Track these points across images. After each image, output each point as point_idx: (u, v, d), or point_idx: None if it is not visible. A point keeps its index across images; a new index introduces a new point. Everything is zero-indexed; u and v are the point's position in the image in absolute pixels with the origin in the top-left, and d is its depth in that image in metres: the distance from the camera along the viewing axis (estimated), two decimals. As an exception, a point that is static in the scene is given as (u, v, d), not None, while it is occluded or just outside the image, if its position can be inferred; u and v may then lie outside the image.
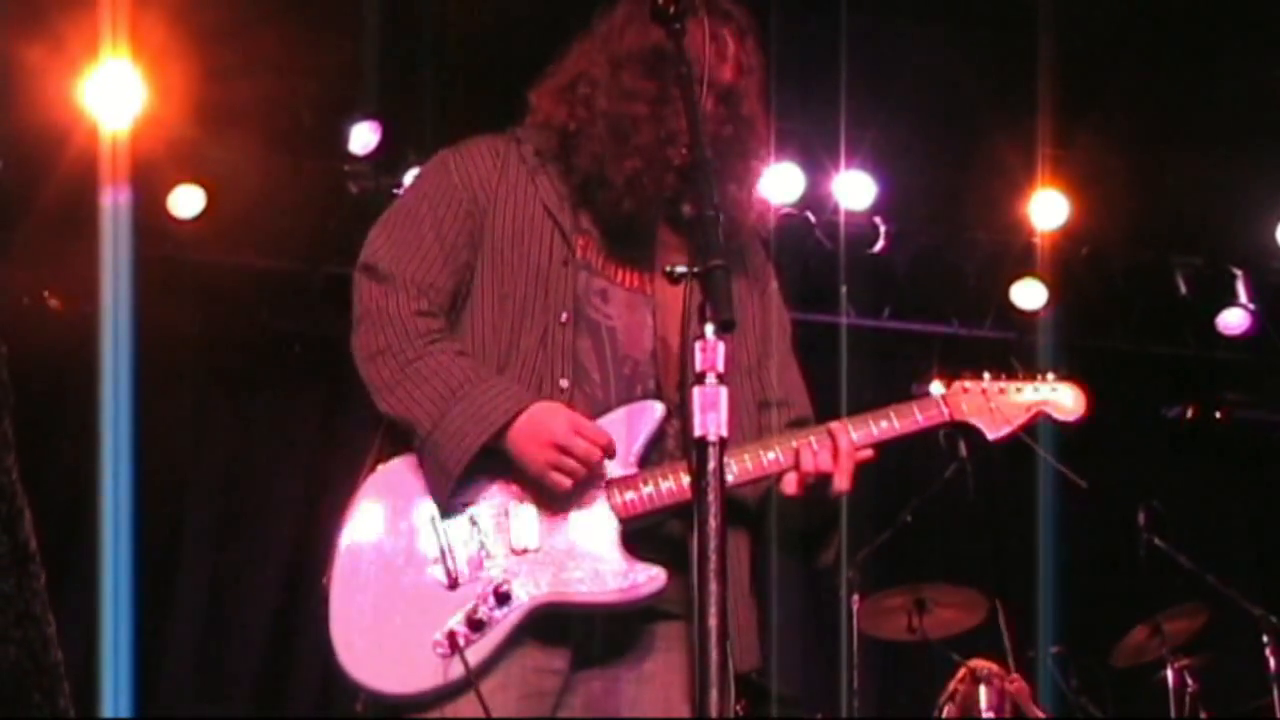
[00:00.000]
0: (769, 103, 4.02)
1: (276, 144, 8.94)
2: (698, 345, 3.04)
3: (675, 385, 3.78)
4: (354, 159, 9.03)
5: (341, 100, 8.89)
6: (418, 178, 4.04)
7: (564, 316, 3.76)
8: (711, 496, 2.96)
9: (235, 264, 9.51)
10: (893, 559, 9.18)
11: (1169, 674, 8.30)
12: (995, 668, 8.30)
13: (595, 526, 3.66)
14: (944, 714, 8.25)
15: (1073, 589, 10.55)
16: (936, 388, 4.16)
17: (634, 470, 3.71)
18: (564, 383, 3.73)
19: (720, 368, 3.03)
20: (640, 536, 3.68)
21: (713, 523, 2.95)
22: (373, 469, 3.76)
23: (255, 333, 9.77)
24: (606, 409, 3.75)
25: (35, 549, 2.77)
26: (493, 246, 3.84)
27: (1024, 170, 9.56)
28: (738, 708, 3.04)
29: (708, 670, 2.88)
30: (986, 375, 4.09)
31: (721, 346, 3.04)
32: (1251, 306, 10.16)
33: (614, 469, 3.70)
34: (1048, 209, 9.69)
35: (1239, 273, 10.16)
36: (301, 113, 8.86)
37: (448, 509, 3.65)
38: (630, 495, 3.68)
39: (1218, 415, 10.70)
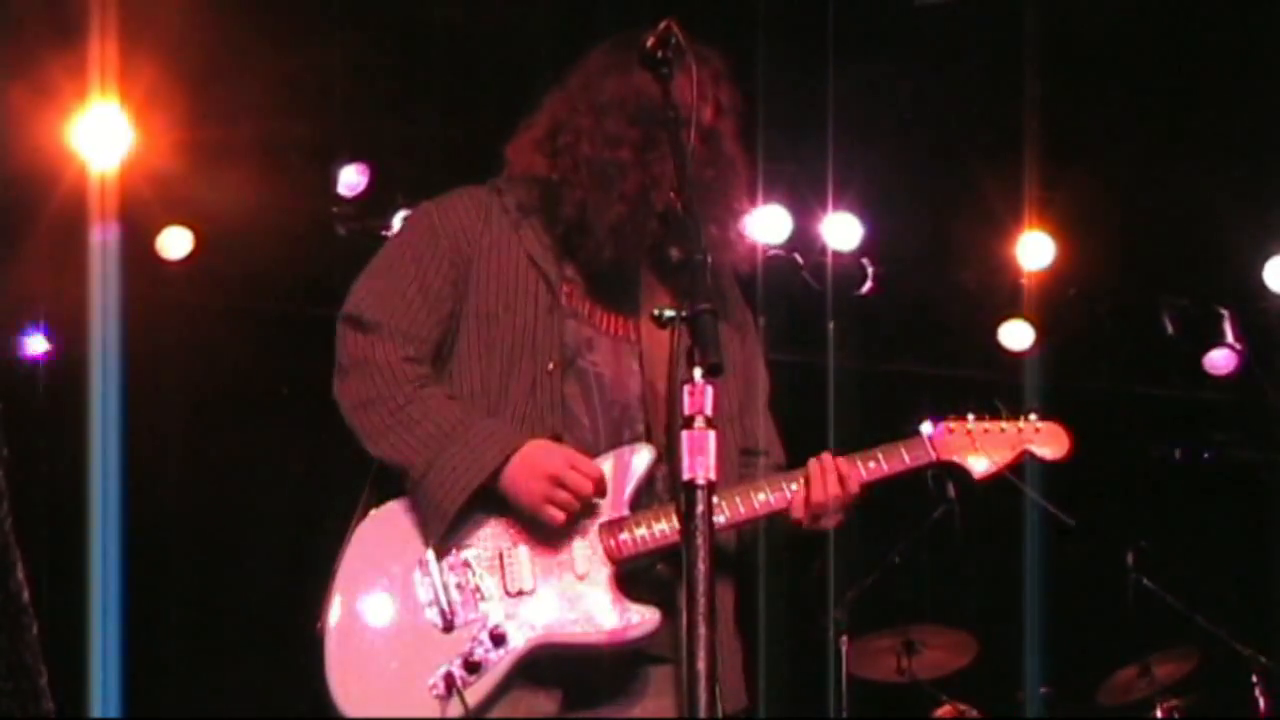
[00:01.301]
0: (745, 144, 4.05)
1: (265, 186, 8.94)
2: (685, 389, 3.05)
3: (664, 429, 3.77)
4: (342, 201, 9.04)
5: (329, 142, 8.91)
6: (400, 229, 4.07)
7: (550, 365, 3.78)
8: (700, 540, 2.95)
9: (224, 306, 9.51)
10: (881, 600, 9.17)
11: (1158, 715, 8.28)
12: (961, 709, 8.32)
13: (589, 568, 3.68)
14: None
15: (1061, 630, 10.54)
16: (926, 429, 4.19)
17: (625, 513, 3.73)
18: (554, 431, 3.75)
19: (708, 411, 3.04)
20: (631, 579, 3.70)
21: (701, 566, 2.94)
22: (364, 514, 3.76)
23: (243, 374, 9.76)
24: (596, 454, 3.77)
25: (28, 600, 2.76)
26: (478, 297, 3.86)
27: (1011, 212, 9.58)
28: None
29: (696, 714, 2.87)
30: (970, 416, 4.13)
31: (710, 390, 3.04)
32: (1238, 346, 10.17)
33: (606, 512, 3.71)
34: (1034, 250, 9.71)
35: (1225, 313, 10.18)
36: (289, 155, 8.86)
37: (442, 551, 3.65)
38: (623, 537, 3.71)
39: (1205, 456, 10.70)
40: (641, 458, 3.78)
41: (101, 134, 8.27)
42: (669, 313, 3.28)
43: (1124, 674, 8.49)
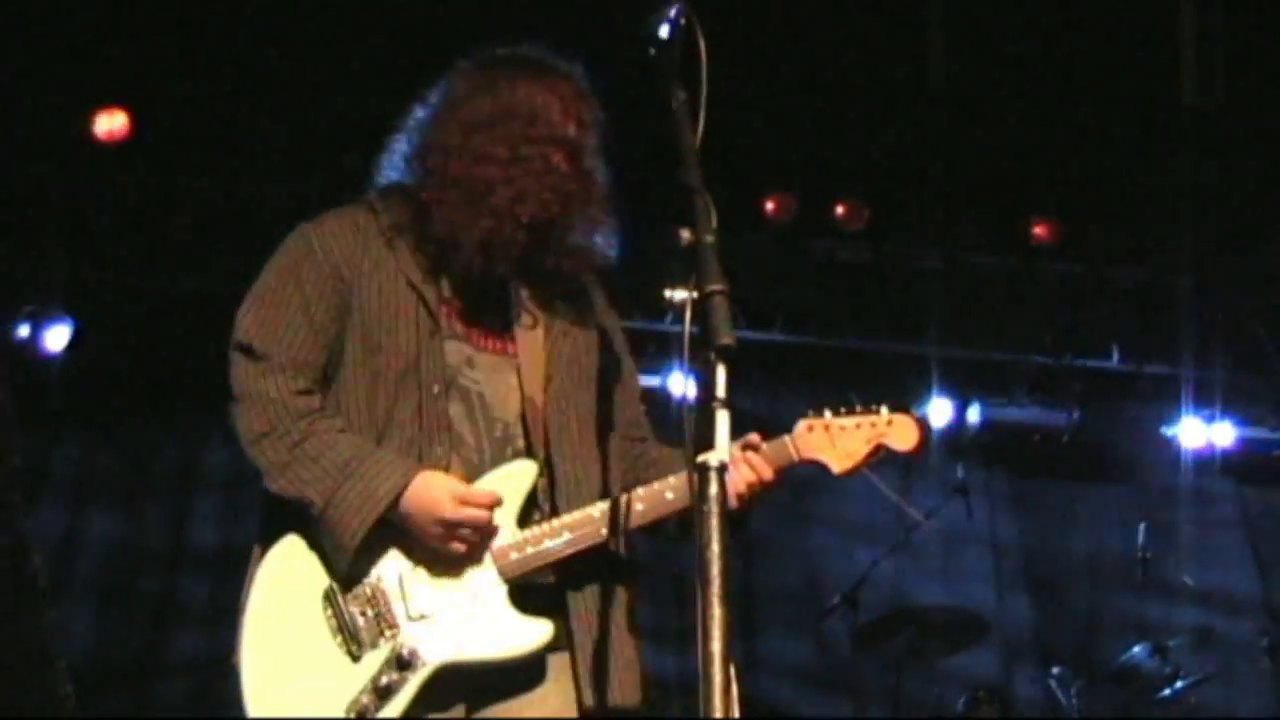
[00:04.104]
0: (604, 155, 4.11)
1: (269, 172, 8.99)
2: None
3: (543, 442, 3.92)
4: (352, 186, 9.05)
5: (328, 128, 8.93)
6: (280, 252, 4.05)
7: (435, 388, 3.87)
8: (714, 522, 2.96)
9: (232, 291, 9.51)
10: (894, 580, 9.20)
11: (1170, 690, 8.28)
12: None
13: (485, 590, 3.80)
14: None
15: (1074, 607, 10.57)
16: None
17: (515, 531, 3.84)
18: (439, 451, 3.84)
19: (721, 394, 3.04)
20: (522, 590, 3.81)
21: (715, 547, 2.94)
22: (262, 548, 3.84)
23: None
24: (481, 472, 3.86)
25: (45, 584, 2.78)
26: (361, 322, 3.91)
27: (1020, 192, 9.60)
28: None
29: (711, 694, 2.87)
30: (828, 412, 4.15)
31: (723, 371, 3.05)
32: (1249, 326, 10.17)
33: (497, 531, 3.82)
34: (1043, 230, 9.71)
35: (1235, 292, 10.18)
36: (294, 141, 8.89)
37: (345, 581, 3.76)
38: (515, 556, 3.82)
39: (1217, 434, 10.70)
40: (526, 473, 3.88)
41: (112, 123, 8.37)
42: (680, 294, 3.27)
43: (1137, 650, 8.45)
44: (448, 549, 3.74)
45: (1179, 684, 8.23)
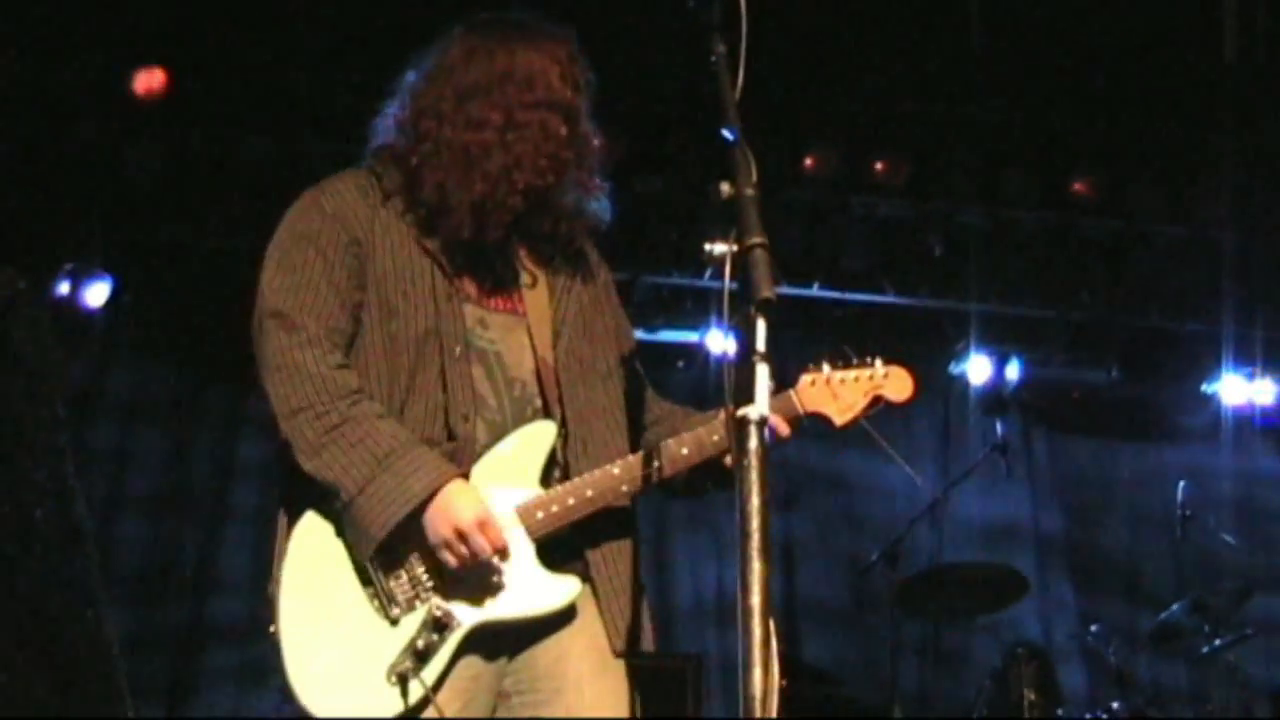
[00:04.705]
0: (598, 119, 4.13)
1: (307, 129, 9.01)
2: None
3: (556, 400, 3.98)
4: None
5: (366, 84, 8.94)
6: (293, 218, 4.03)
7: (457, 350, 3.91)
8: (754, 476, 2.96)
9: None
10: (932, 539, 9.19)
11: (1208, 649, 8.25)
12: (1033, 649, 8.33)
13: (514, 550, 3.83)
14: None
15: (1113, 565, 10.55)
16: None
17: (539, 491, 3.89)
18: (466, 414, 3.88)
19: (761, 348, 3.03)
20: (546, 545, 3.88)
21: (755, 501, 2.94)
22: (289, 520, 3.87)
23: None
24: (504, 431, 3.91)
25: (89, 529, 2.80)
26: (377, 288, 3.94)
27: (1060, 148, 9.55)
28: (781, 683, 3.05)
29: (750, 648, 2.87)
30: (826, 365, 4.19)
31: (763, 325, 3.04)
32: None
33: (521, 494, 3.87)
34: (1083, 186, 9.66)
35: (1276, 249, 10.11)
36: (332, 97, 8.90)
37: (380, 548, 3.78)
38: (540, 515, 3.87)
39: (1258, 391, 10.65)
40: (546, 433, 3.94)
41: (151, 80, 8.40)
42: (720, 247, 3.25)
43: (1175, 609, 8.41)
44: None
45: (1218, 642, 8.20)
